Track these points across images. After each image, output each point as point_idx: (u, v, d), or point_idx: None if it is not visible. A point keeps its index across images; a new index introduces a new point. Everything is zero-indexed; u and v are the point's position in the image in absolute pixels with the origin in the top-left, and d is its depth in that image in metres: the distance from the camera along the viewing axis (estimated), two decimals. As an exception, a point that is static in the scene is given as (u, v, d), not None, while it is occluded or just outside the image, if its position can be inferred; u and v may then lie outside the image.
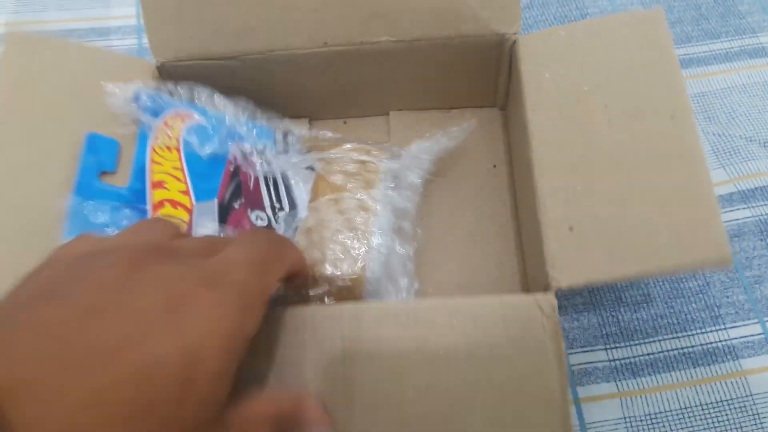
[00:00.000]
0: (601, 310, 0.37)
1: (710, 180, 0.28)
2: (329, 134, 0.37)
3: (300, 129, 0.36)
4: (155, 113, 0.33)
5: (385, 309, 0.28)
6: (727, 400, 0.34)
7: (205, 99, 0.34)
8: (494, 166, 0.40)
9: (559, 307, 0.37)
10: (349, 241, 0.33)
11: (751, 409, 0.34)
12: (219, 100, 0.34)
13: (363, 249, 0.33)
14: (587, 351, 0.36)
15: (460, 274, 0.37)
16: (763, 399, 0.34)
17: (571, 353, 0.36)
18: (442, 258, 0.37)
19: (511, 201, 0.38)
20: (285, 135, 0.36)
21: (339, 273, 0.32)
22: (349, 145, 0.36)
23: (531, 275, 0.34)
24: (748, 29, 0.45)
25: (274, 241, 0.27)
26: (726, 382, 0.34)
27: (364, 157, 0.36)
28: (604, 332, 0.36)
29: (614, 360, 0.35)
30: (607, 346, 0.36)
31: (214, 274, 0.21)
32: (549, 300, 0.27)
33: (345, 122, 0.42)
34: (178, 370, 0.18)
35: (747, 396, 0.34)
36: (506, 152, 0.40)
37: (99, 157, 0.31)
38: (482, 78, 0.38)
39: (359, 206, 0.34)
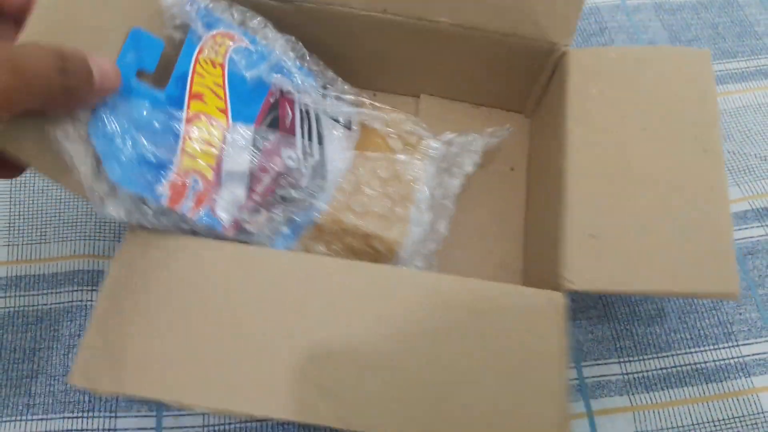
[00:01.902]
0: (615, 323, 0.37)
1: (729, 215, 0.29)
2: (368, 101, 0.36)
3: (343, 84, 0.36)
4: (207, 26, 0.32)
5: (405, 274, 0.28)
6: (738, 417, 0.34)
7: (256, 26, 0.33)
8: (512, 169, 0.40)
9: (574, 319, 0.37)
10: (394, 203, 0.33)
11: (763, 427, 0.34)
12: (271, 32, 0.33)
13: (406, 216, 0.33)
14: (601, 364, 0.36)
15: (464, 267, 0.37)
16: (775, 417, 0.34)
17: (585, 366, 0.35)
18: (448, 250, 0.37)
19: (524, 204, 0.39)
20: (325, 86, 0.35)
21: (378, 232, 0.32)
22: (402, 115, 0.36)
23: (536, 277, 0.34)
24: (764, 50, 0.46)
25: None
26: (738, 399, 0.35)
27: (420, 131, 0.36)
28: (618, 345, 0.36)
29: (628, 374, 0.35)
30: (621, 360, 0.36)
31: None
32: (560, 298, 0.27)
33: (375, 94, 0.42)
34: None
35: (758, 413, 0.34)
36: (526, 157, 0.40)
37: (141, 54, 0.29)
38: (520, 82, 0.38)
39: (411, 174, 0.34)
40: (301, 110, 0.34)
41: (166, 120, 0.29)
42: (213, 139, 0.30)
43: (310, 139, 0.34)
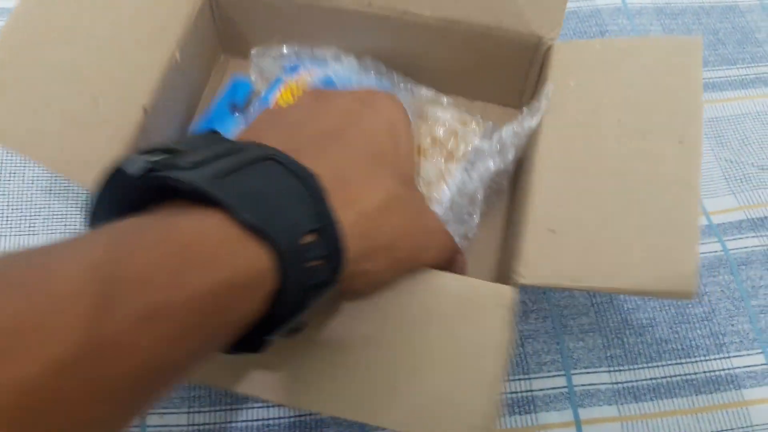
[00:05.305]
0: (606, 332, 0.36)
1: (698, 211, 0.28)
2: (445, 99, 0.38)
3: (419, 86, 0.38)
4: (290, 70, 0.36)
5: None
6: (727, 430, 0.34)
7: (330, 58, 0.36)
8: None
9: (565, 326, 0.37)
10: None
11: (752, 440, 0.34)
12: (345, 57, 0.36)
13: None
14: (590, 372, 0.35)
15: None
16: (764, 430, 0.34)
17: (575, 374, 0.35)
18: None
19: (508, 203, 0.38)
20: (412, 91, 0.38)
21: None
22: (448, 114, 0.37)
23: (502, 272, 0.34)
24: (765, 57, 0.45)
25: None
26: (727, 412, 0.34)
27: (458, 128, 0.36)
28: (608, 354, 0.36)
29: (617, 383, 0.35)
30: (611, 369, 0.35)
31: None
32: (509, 292, 0.27)
33: None
34: (388, 128, 0.28)
35: (748, 426, 0.34)
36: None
37: (236, 93, 0.36)
38: (512, 77, 0.38)
39: (438, 176, 0.35)
40: None
41: None
42: None
43: None
